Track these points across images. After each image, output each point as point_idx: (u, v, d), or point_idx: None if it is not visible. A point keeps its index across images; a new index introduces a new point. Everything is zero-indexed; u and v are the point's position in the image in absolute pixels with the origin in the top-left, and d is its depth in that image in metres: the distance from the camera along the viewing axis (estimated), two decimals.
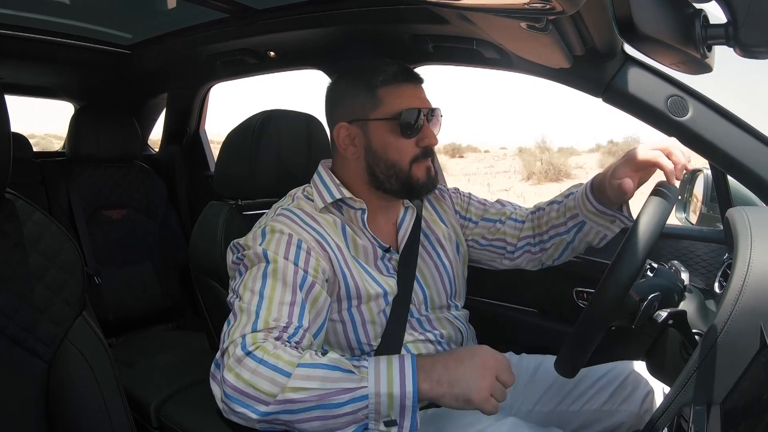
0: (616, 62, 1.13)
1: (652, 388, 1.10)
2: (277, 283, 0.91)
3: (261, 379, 0.78)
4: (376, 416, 0.79)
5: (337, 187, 1.08)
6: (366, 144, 1.07)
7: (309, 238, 0.99)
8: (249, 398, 0.78)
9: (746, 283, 0.75)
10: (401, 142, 1.04)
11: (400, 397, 0.79)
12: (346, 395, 0.78)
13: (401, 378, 0.79)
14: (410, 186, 1.07)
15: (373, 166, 1.07)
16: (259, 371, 0.79)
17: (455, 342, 1.15)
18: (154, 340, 2.25)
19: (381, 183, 1.07)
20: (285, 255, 0.95)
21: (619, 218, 1.09)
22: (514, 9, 0.70)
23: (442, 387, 0.80)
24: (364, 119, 1.06)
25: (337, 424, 0.79)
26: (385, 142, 1.05)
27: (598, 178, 1.07)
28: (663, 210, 0.86)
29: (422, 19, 1.37)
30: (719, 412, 0.72)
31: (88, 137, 2.29)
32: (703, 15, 0.83)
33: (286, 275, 0.92)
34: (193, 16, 1.74)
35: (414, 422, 0.80)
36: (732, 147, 1.06)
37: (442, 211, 1.25)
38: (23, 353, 0.86)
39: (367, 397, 0.78)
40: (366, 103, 1.05)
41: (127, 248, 2.37)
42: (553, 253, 1.20)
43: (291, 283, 0.92)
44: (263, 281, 0.92)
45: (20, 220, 0.87)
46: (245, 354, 0.81)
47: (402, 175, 1.06)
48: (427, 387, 0.80)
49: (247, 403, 0.79)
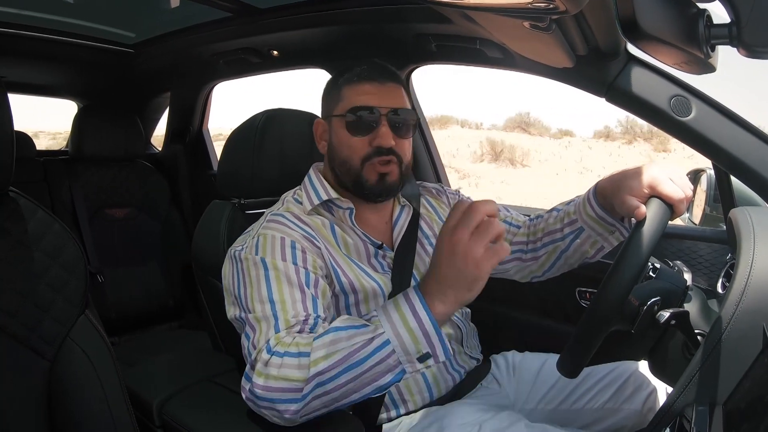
0: (619, 62, 1.12)
1: (655, 387, 1.10)
2: (283, 285, 0.92)
3: (289, 369, 0.80)
4: (407, 356, 0.77)
5: (324, 188, 1.10)
6: (329, 140, 1.11)
7: (299, 237, 1.00)
8: (284, 392, 0.80)
9: (749, 283, 0.75)
10: (352, 140, 1.06)
11: (419, 327, 0.77)
12: (369, 347, 0.77)
13: (412, 310, 0.78)
14: (360, 185, 1.07)
15: (333, 162, 1.10)
16: (285, 363, 0.80)
17: (456, 340, 1.15)
18: (156, 338, 2.26)
19: (339, 180, 1.09)
20: (282, 257, 0.95)
21: (618, 229, 1.07)
22: (517, 8, 0.70)
23: (449, 296, 0.77)
24: (329, 116, 1.10)
25: (370, 378, 0.78)
26: (339, 138, 1.08)
27: (603, 183, 1.04)
28: (663, 216, 0.87)
29: (425, 19, 1.37)
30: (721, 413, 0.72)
31: (91, 136, 2.30)
32: (706, 15, 0.83)
33: (289, 276, 0.93)
34: (197, 15, 1.75)
35: (445, 347, 0.78)
36: (735, 147, 1.05)
37: (441, 210, 1.25)
38: (26, 352, 0.86)
39: (389, 342, 0.77)
40: (332, 99, 1.09)
41: (130, 247, 2.37)
42: (544, 263, 1.18)
43: (296, 282, 0.93)
44: (269, 288, 0.92)
45: (23, 219, 0.87)
46: (270, 355, 0.82)
47: (353, 173, 1.06)
48: (441, 308, 0.77)
49: (283, 398, 0.80)
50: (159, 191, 2.47)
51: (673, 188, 0.89)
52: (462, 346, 1.16)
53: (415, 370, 0.79)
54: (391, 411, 1.07)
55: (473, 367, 1.18)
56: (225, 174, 1.33)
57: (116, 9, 1.79)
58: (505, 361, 1.24)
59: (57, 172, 2.30)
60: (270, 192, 1.27)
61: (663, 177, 0.90)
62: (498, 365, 1.23)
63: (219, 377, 1.28)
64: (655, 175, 0.91)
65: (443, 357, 0.78)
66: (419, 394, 1.08)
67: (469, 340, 1.19)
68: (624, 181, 0.95)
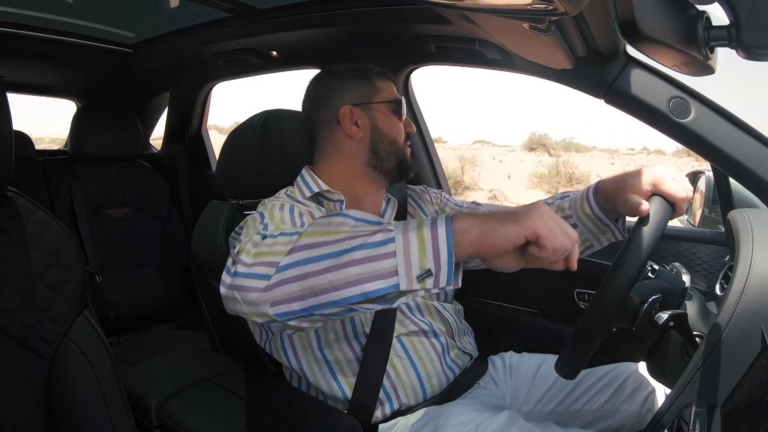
0: (619, 63, 1.12)
1: (654, 389, 1.10)
2: (275, 215, 0.98)
3: (276, 245, 0.75)
4: (406, 266, 0.66)
5: (315, 182, 1.16)
6: (371, 124, 1.17)
7: (300, 207, 1.05)
8: (261, 266, 0.74)
9: (747, 285, 0.75)
10: (399, 124, 1.19)
11: (431, 240, 0.66)
12: (370, 238, 0.68)
13: (432, 223, 0.68)
14: (404, 164, 1.19)
15: (378, 143, 1.17)
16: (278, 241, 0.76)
17: (447, 335, 1.16)
18: (155, 339, 2.26)
19: (381, 160, 1.17)
20: (280, 210, 1.00)
21: (611, 230, 1.08)
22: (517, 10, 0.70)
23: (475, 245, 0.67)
24: (368, 102, 1.17)
25: (356, 274, 0.67)
26: (389, 122, 1.18)
27: (605, 183, 1.05)
28: (664, 213, 0.87)
29: (425, 20, 1.37)
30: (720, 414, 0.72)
31: (90, 136, 2.30)
32: (705, 17, 0.83)
33: (284, 219, 0.98)
34: (196, 15, 1.75)
35: (451, 272, 0.67)
36: (734, 149, 1.05)
37: (426, 206, 1.32)
38: (24, 352, 0.86)
39: (393, 240, 0.67)
40: (368, 89, 1.18)
41: (129, 247, 2.37)
42: None
43: (289, 222, 0.98)
44: (264, 222, 0.97)
45: (22, 219, 0.87)
46: (263, 238, 0.80)
47: (399, 153, 1.18)
48: (466, 242, 0.67)
49: (258, 272, 0.74)
50: (158, 191, 2.47)
51: (676, 186, 0.90)
52: (454, 341, 1.17)
53: (410, 288, 0.67)
54: (385, 405, 1.07)
55: (467, 363, 1.19)
56: (223, 174, 1.33)
57: (115, 9, 1.79)
58: (503, 362, 1.25)
59: (56, 172, 2.30)
60: (268, 192, 1.27)
61: (666, 176, 0.92)
62: (495, 366, 1.24)
63: (218, 378, 1.29)
64: (658, 173, 0.92)
65: (445, 282, 0.67)
66: (412, 388, 1.08)
67: (461, 336, 1.19)
68: (627, 180, 0.97)
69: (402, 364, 1.08)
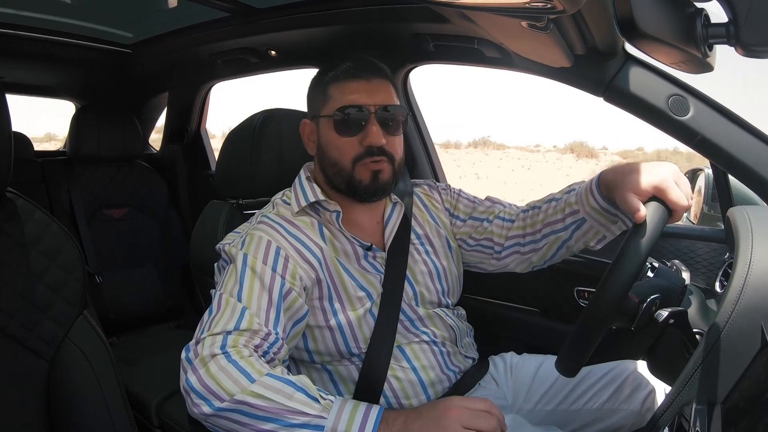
0: (617, 61, 1.12)
1: (654, 387, 1.10)
2: (255, 283, 0.92)
3: (225, 377, 0.79)
4: None
5: (312, 190, 1.07)
6: (317, 141, 1.09)
7: (288, 246, 0.99)
8: (208, 392, 0.79)
9: (747, 282, 0.75)
10: (341, 140, 1.03)
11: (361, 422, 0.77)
12: (303, 418, 0.77)
13: (362, 423, 0.78)
14: (353, 187, 1.05)
15: (323, 163, 1.08)
16: (227, 370, 0.80)
17: (450, 341, 1.14)
18: (154, 339, 2.26)
19: (331, 180, 1.07)
20: (264, 260, 0.95)
21: (621, 219, 1.05)
22: (515, 8, 0.70)
23: None
24: (317, 116, 1.08)
25: None
26: (328, 139, 1.06)
27: (607, 175, 1.00)
28: (665, 216, 0.86)
29: (423, 18, 1.37)
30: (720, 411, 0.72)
31: (89, 136, 2.30)
32: (704, 14, 0.83)
33: (263, 278, 0.93)
34: (194, 15, 1.74)
35: None
36: (733, 146, 1.05)
37: (432, 207, 1.23)
38: (24, 352, 0.86)
39: (323, 429, 0.77)
40: (318, 99, 1.08)
41: (128, 247, 2.37)
42: (545, 253, 1.15)
43: (268, 286, 0.93)
44: (241, 282, 0.92)
45: (21, 220, 0.87)
46: (222, 352, 0.82)
47: (345, 174, 1.04)
48: None
49: (204, 396, 0.79)
50: (157, 191, 2.47)
51: (679, 195, 0.86)
52: (456, 347, 1.16)
53: None
54: None
55: (469, 366, 1.18)
56: (223, 174, 1.33)
57: (114, 9, 1.78)
58: (503, 362, 1.24)
59: (55, 172, 2.30)
60: (268, 192, 1.26)
61: (671, 182, 0.87)
62: (496, 366, 1.23)
63: None
64: (664, 176, 0.88)
65: None
66: (416, 397, 1.07)
67: (464, 339, 1.19)
68: (630, 176, 0.92)
69: (404, 373, 1.07)
